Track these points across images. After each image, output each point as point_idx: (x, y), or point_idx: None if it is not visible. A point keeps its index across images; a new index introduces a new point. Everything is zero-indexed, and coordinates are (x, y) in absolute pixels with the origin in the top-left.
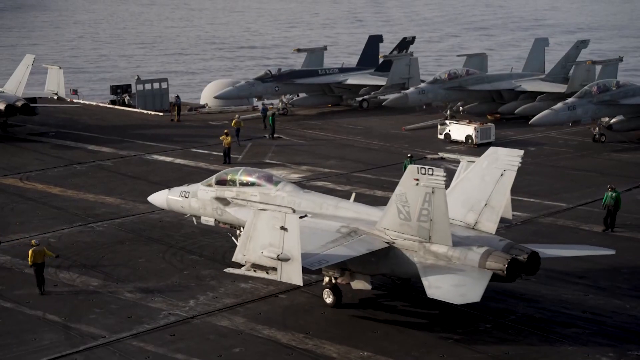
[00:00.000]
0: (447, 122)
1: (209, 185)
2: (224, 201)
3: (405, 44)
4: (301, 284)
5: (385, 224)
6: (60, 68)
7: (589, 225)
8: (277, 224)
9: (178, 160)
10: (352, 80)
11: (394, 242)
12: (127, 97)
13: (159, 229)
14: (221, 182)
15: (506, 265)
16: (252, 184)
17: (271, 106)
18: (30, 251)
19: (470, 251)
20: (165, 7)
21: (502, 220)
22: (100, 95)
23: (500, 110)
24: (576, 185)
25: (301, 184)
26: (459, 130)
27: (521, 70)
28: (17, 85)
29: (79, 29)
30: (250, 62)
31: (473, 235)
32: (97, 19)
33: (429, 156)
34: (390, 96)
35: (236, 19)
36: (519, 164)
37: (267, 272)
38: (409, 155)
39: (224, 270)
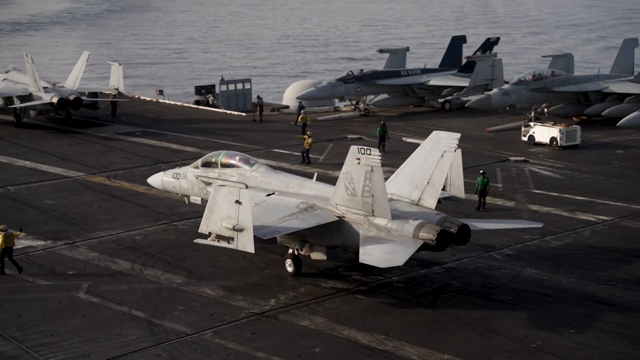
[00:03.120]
0: (531, 123)
1: (196, 167)
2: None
3: (489, 44)
4: (253, 252)
5: (336, 199)
6: (120, 64)
7: None
8: (233, 198)
9: (260, 160)
10: (435, 81)
11: (344, 216)
12: (211, 98)
13: None
14: (206, 165)
15: (435, 236)
16: (232, 166)
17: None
18: (0, 236)
19: (406, 223)
20: (262, 8)
21: (454, 198)
22: (185, 95)
23: (586, 112)
24: None
25: None
26: (543, 132)
27: (609, 71)
28: (74, 81)
29: (171, 30)
30: (332, 63)
31: (414, 210)
32: (191, 20)
33: (512, 158)
34: (473, 97)
35: (327, 19)
36: (456, 146)
37: (228, 242)
38: (481, 171)
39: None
